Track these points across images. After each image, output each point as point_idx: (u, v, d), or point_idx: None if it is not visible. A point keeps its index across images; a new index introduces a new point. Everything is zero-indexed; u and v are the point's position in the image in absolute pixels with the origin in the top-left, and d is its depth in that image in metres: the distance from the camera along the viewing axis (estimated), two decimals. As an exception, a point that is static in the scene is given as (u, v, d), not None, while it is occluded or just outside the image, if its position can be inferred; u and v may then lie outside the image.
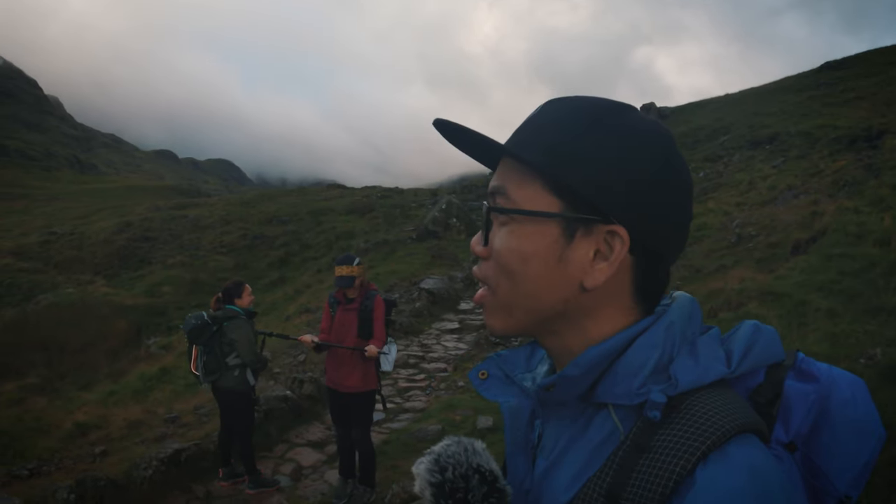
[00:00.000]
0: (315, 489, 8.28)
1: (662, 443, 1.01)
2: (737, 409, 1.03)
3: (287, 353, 14.35)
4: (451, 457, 1.22)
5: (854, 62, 48.52)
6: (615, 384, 1.09)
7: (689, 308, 1.16)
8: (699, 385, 1.06)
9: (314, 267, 28.85)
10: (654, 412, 1.03)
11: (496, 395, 1.29)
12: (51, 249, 36.89)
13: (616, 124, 1.10)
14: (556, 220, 1.10)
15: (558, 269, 1.11)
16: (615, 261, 1.08)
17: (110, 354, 20.83)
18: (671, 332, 1.11)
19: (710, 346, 1.12)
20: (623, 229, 1.07)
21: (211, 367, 7.90)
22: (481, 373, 1.31)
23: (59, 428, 12.14)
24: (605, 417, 1.11)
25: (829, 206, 16.51)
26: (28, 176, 76.18)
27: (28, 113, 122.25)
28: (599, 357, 1.10)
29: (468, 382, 11.56)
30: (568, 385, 1.12)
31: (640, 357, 1.09)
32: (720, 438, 0.98)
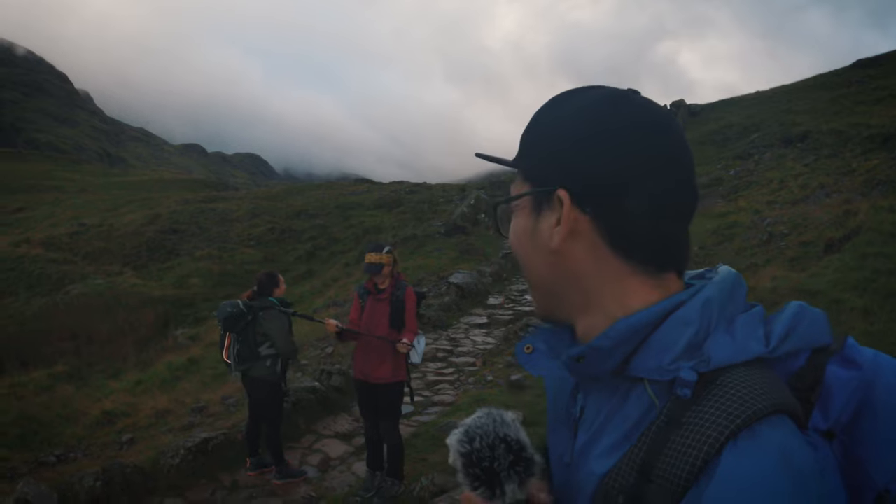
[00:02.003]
0: (342, 481, 8.25)
1: (693, 419, 1.01)
2: (771, 389, 1.03)
3: (315, 345, 14.37)
4: (480, 427, 1.26)
5: (887, 60, 48.11)
6: (648, 359, 1.10)
7: (730, 283, 1.16)
8: (733, 362, 1.06)
9: (342, 260, 28.85)
10: (685, 390, 1.04)
11: (540, 370, 1.31)
12: (80, 241, 37.08)
13: (558, 104, 1.23)
14: (528, 200, 1.23)
15: (534, 241, 1.22)
16: (565, 219, 1.14)
17: (138, 344, 20.93)
18: (708, 308, 1.11)
19: (749, 325, 1.11)
20: (563, 191, 1.14)
21: (244, 355, 7.89)
22: (527, 347, 1.32)
23: (87, 415, 12.21)
24: (641, 392, 1.12)
25: (863, 204, 16.35)
26: (58, 169, 76.58)
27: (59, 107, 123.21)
28: (629, 329, 1.11)
29: (497, 377, 11.50)
30: (597, 357, 1.13)
31: (673, 332, 1.09)
32: (751, 417, 0.97)
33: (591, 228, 1.14)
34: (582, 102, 1.19)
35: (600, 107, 1.17)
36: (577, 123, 1.17)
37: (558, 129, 1.19)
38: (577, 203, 1.14)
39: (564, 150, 1.16)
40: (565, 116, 1.19)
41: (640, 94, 1.21)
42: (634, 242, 1.14)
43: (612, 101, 1.17)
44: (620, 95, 1.19)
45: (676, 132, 1.18)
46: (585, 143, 1.14)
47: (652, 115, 1.17)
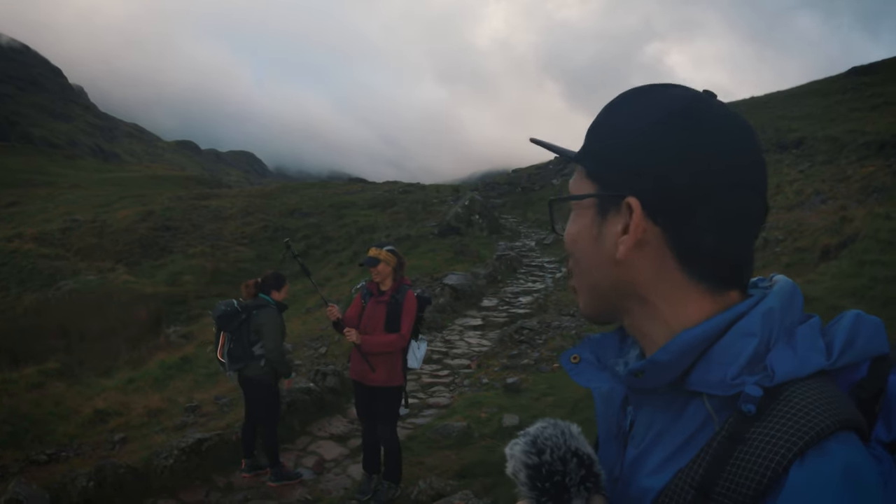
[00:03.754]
0: (338, 483, 8.21)
1: (758, 436, 0.99)
2: (837, 404, 1.00)
3: (308, 345, 14.34)
4: (549, 439, 1.19)
5: (882, 67, 48.43)
6: (709, 372, 1.07)
7: (789, 294, 1.13)
8: (797, 376, 1.03)
9: (335, 260, 28.84)
10: (749, 405, 1.01)
11: (589, 381, 1.28)
12: (72, 236, 36.99)
13: (635, 101, 1.18)
14: (592, 202, 1.18)
15: (597, 246, 1.18)
16: (634, 230, 1.10)
17: (130, 342, 20.83)
18: (769, 319, 1.08)
19: (809, 336, 1.08)
20: (634, 199, 1.10)
21: (236, 354, 7.86)
22: (573, 357, 1.30)
23: (79, 414, 12.12)
24: (698, 406, 1.09)
25: (859, 211, 16.41)
26: (51, 163, 76.38)
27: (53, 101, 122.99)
28: (691, 343, 1.08)
29: (492, 379, 11.48)
30: (657, 371, 1.11)
31: (737, 345, 1.06)
32: (819, 434, 0.95)
33: (660, 241, 1.11)
34: (662, 104, 1.14)
35: (684, 112, 1.12)
36: (654, 125, 1.12)
37: (634, 130, 1.14)
38: (648, 213, 1.10)
39: (637, 154, 1.12)
40: (643, 117, 1.14)
41: (716, 97, 1.17)
42: (702, 258, 1.11)
43: (696, 109, 1.12)
44: (704, 101, 1.14)
45: (757, 147, 1.14)
46: (665, 151, 1.10)
47: (736, 129, 1.13)
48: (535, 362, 12.25)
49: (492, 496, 6.90)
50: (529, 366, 12.11)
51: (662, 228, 1.10)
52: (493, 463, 7.84)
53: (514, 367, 12.14)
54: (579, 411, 8.72)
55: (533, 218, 33.89)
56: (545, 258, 24.02)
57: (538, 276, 21.42)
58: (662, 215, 1.10)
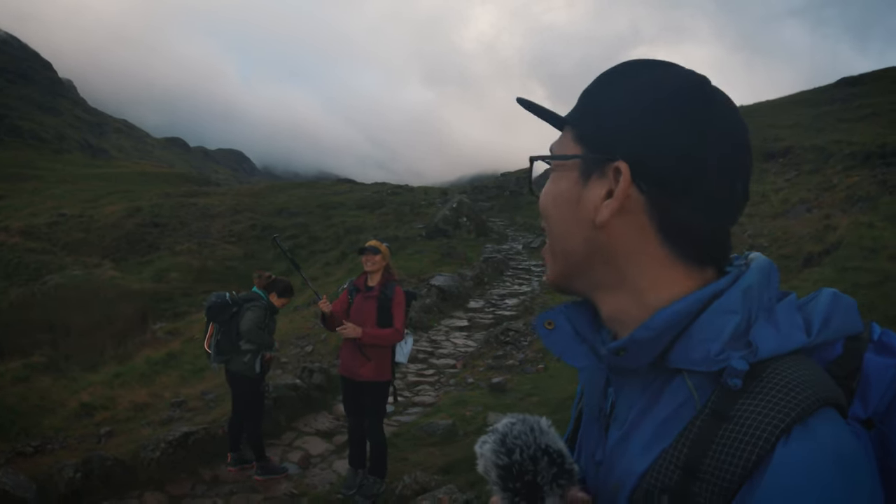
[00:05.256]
0: (323, 478, 8.26)
1: (743, 413, 0.98)
2: (820, 380, 1.01)
3: (294, 343, 14.38)
4: (518, 437, 1.15)
5: (870, 79, 48.46)
6: (691, 349, 1.06)
7: (767, 271, 1.13)
8: (779, 353, 1.03)
9: (322, 260, 28.78)
10: (735, 380, 1.00)
11: (563, 352, 1.25)
12: (59, 231, 36.94)
13: (635, 71, 1.17)
14: (576, 164, 1.17)
15: (577, 209, 1.16)
16: (619, 195, 1.09)
17: (116, 338, 20.78)
18: (749, 296, 1.08)
19: (788, 313, 1.09)
20: (623, 164, 1.09)
21: (223, 347, 7.93)
22: (547, 322, 1.26)
23: (65, 407, 12.14)
24: (679, 384, 1.08)
25: (843, 220, 16.51)
26: (39, 157, 75.89)
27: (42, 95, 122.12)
28: (671, 319, 1.07)
29: (477, 379, 11.53)
30: (639, 349, 1.09)
31: (718, 322, 1.06)
32: (804, 411, 0.95)
33: (643, 210, 1.10)
34: (665, 77, 1.14)
35: (690, 89, 1.12)
36: (658, 98, 1.11)
37: (634, 97, 1.13)
38: (635, 179, 1.09)
39: (636, 121, 1.11)
40: (644, 86, 1.13)
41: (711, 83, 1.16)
42: (686, 235, 1.10)
43: (701, 88, 1.13)
44: (706, 84, 1.15)
45: (747, 134, 1.15)
46: (666, 121, 1.09)
47: (735, 115, 1.14)
48: (520, 363, 12.29)
49: (475, 491, 6.95)
50: (514, 366, 12.16)
51: (647, 198, 1.10)
52: (476, 459, 7.90)
53: (499, 367, 12.19)
54: (563, 410, 8.76)
55: (521, 221, 33.89)
56: (532, 261, 24.00)
57: (525, 278, 21.45)
58: (653, 186, 1.09)
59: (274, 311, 8.25)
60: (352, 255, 25.44)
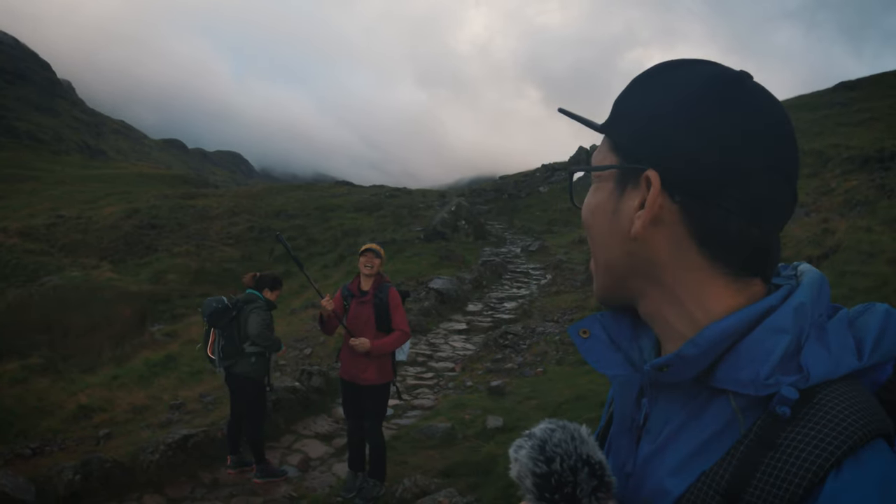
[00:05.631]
0: (323, 481, 8.26)
1: (792, 441, 0.94)
2: (871, 409, 0.96)
3: (293, 346, 14.37)
4: (559, 445, 1.10)
5: (869, 83, 48.55)
6: (738, 369, 1.01)
7: (818, 286, 1.07)
8: (830, 378, 0.98)
9: (320, 262, 28.76)
10: (784, 408, 0.96)
11: (598, 360, 1.21)
12: (57, 232, 36.93)
13: (655, 79, 1.12)
14: (612, 174, 1.13)
15: (613, 221, 1.13)
16: (650, 205, 1.05)
17: (114, 339, 20.75)
18: (801, 314, 1.02)
19: (840, 333, 1.03)
20: (654, 173, 1.05)
21: (228, 351, 7.94)
22: (582, 331, 1.23)
23: (63, 409, 12.13)
24: (723, 405, 1.04)
25: (841, 224, 16.48)
26: (37, 159, 75.95)
27: (40, 96, 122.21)
28: (720, 336, 1.02)
29: (476, 382, 11.53)
30: (684, 365, 1.04)
31: (768, 342, 1.01)
32: (856, 443, 0.91)
33: (679, 219, 1.05)
34: (697, 78, 1.08)
35: (721, 89, 1.06)
36: (689, 101, 1.06)
37: (665, 103, 1.08)
38: (667, 189, 1.05)
39: (666, 127, 1.06)
40: (676, 91, 1.08)
41: (752, 77, 1.10)
42: (724, 242, 1.04)
43: (733, 86, 1.06)
44: (741, 81, 1.08)
45: (792, 132, 1.08)
46: (693, 123, 1.04)
47: (775, 112, 1.07)
48: (519, 366, 12.29)
49: (476, 494, 6.95)
50: (513, 370, 12.16)
51: (681, 206, 1.05)
52: (477, 462, 7.90)
53: (497, 370, 12.19)
54: (561, 413, 8.76)
55: (519, 225, 33.87)
56: (530, 265, 24.00)
57: (523, 282, 21.44)
58: (684, 193, 1.04)
59: (272, 307, 8.26)
60: (350, 257, 25.44)
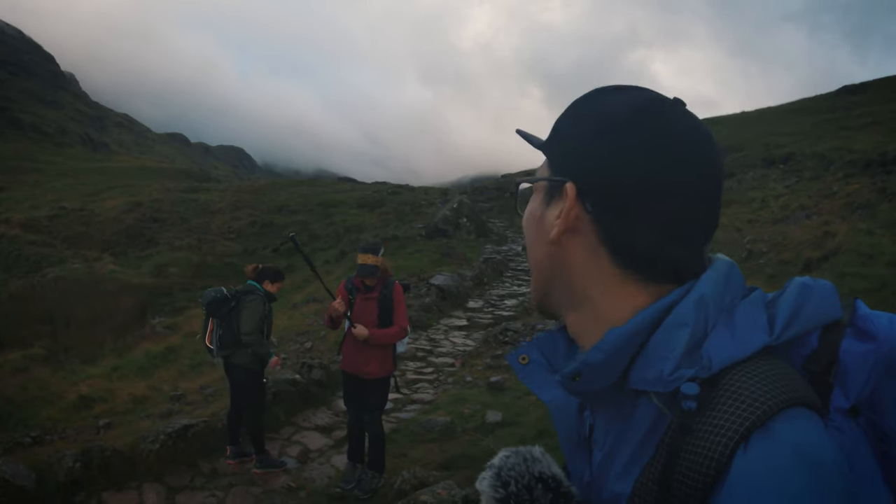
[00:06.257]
0: (322, 472, 8.28)
1: (704, 425, 0.97)
2: (782, 381, 0.97)
3: (294, 339, 14.40)
4: (512, 469, 1.18)
5: (872, 87, 48.54)
6: (646, 369, 1.05)
7: (723, 274, 1.10)
8: (737, 359, 1.01)
9: (322, 258, 28.71)
10: (689, 403, 0.99)
11: (539, 385, 1.26)
12: (59, 224, 36.87)
13: (588, 103, 1.20)
14: (544, 186, 1.22)
15: (539, 227, 1.22)
16: (564, 214, 1.13)
17: (115, 331, 20.77)
18: (702, 305, 1.05)
19: (749, 313, 1.06)
20: (571, 185, 1.12)
21: (226, 341, 7.97)
22: (521, 357, 1.28)
23: (63, 399, 12.15)
24: (647, 403, 1.07)
25: (842, 227, 16.50)
26: (41, 151, 76.03)
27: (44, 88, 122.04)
28: (622, 339, 1.06)
29: (476, 378, 11.55)
30: (594, 373, 1.08)
31: (669, 338, 1.04)
32: (762, 416, 0.93)
33: (591, 229, 1.12)
34: (619, 99, 1.14)
35: (641, 109, 1.11)
36: (605, 119, 1.12)
37: (585, 120, 1.15)
38: (581, 200, 1.12)
39: (587, 146, 1.13)
40: (596, 109, 1.15)
41: (685, 105, 1.15)
42: (633, 253, 1.10)
43: (654, 107, 1.12)
44: (662, 102, 1.13)
45: (711, 159, 1.12)
46: (611, 141, 1.10)
47: (695, 139, 1.11)
48: (519, 363, 12.30)
49: (474, 487, 6.98)
50: (513, 366, 12.16)
51: (593, 217, 1.11)
52: (475, 456, 7.91)
53: (497, 366, 12.20)
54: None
55: (520, 223, 33.77)
56: (531, 263, 23.97)
57: (524, 280, 21.35)
58: (597, 206, 1.11)
59: (272, 299, 8.28)
60: (351, 253, 25.41)
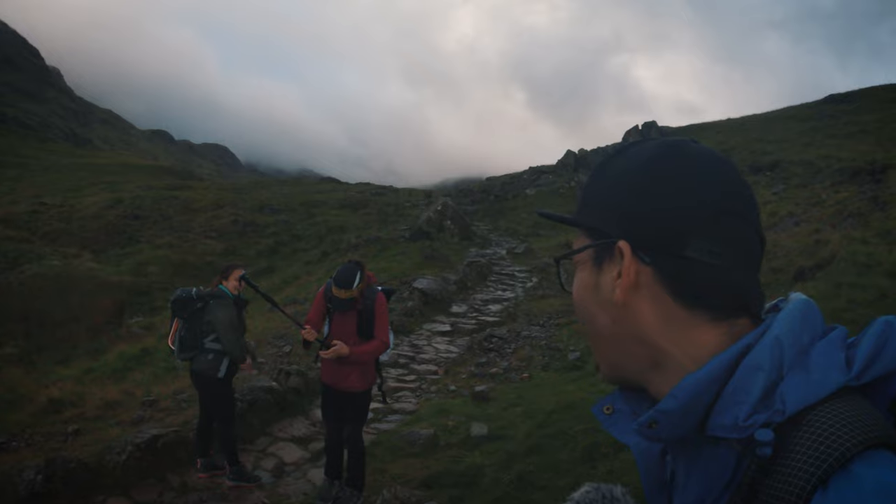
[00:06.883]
0: (297, 488, 8.00)
1: (782, 468, 0.94)
2: (862, 421, 0.93)
3: (272, 343, 14.06)
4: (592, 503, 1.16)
5: (859, 96, 49.06)
6: (723, 415, 1.01)
7: (801, 314, 1.06)
8: (813, 401, 0.97)
9: (304, 258, 28.65)
10: (764, 449, 0.95)
11: (623, 433, 1.21)
12: (39, 220, 36.54)
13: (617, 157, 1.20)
14: (589, 254, 1.19)
15: (597, 295, 1.17)
16: (625, 272, 1.10)
17: (91, 331, 20.55)
18: (777, 347, 1.01)
19: (825, 353, 1.02)
20: (624, 242, 1.11)
21: (186, 343, 7.80)
22: (606, 408, 1.24)
23: (32, 402, 11.81)
24: (728, 449, 1.03)
25: (833, 235, 16.43)
26: (23, 145, 75.61)
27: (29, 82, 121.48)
28: (698, 385, 1.03)
29: (460, 387, 11.32)
30: (670, 420, 1.05)
31: (746, 382, 1.01)
32: (842, 457, 0.89)
33: (654, 280, 1.10)
34: (640, 153, 1.17)
35: (659, 155, 1.14)
36: (635, 172, 1.14)
37: (617, 180, 1.16)
38: (636, 254, 1.11)
39: (623, 201, 1.13)
40: (623, 167, 1.17)
41: (697, 143, 1.17)
42: (698, 291, 1.08)
43: (670, 150, 1.15)
44: (678, 144, 1.16)
45: (736, 179, 1.14)
46: (644, 192, 1.11)
47: (717, 166, 1.13)
48: (505, 371, 12.11)
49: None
50: (498, 374, 11.97)
51: (654, 268, 1.10)
52: (460, 473, 7.68)
53: (482, 375, 11.99)
54: (550, 424, 8.54)
55: (505, 226, 33.88)
56: (516, 267, 23.93)
57: (508, 284, 21.31)
58: (650, 254, 1.10)
59: (242, 302, 8.02)
60: (333, 254, 25.25)
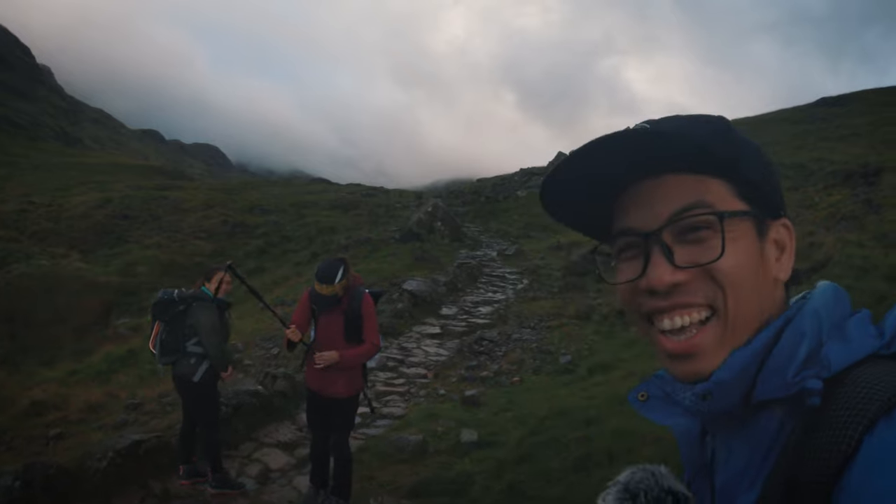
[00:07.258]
0: (282, 496, 7.84)
1: (829, 420, 0.97)
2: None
3: (260, 345, 13.91)
4: (640, 482, 1.17)
5: (850, 99, 49.32)
6: (770, 379, 1.06)
7: (832, 293, 1.13)
8: (853, 361, 1.02)
9: (293, 259, 28.53)
10: (813, 398, 1.00)
11: (661, 417, 1.23)
12: (27, 219, 36.34)
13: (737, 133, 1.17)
14: (750, 221, 1.12)
15: (761, 270, 1.12)
16: (791, 252, 1.15)
17: (77, 331, 20.40)
18: (817, 317, 1.08)
19: (860, 326, 1.08)
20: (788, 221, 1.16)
21: (168, 347, 7.63)
22: (641, 394, 1.26)
23: (14, 405, 11.66)
24: (770, 415, 1.08)
25: (827, 238, 16.37)
26: (13, 144, 75.43)
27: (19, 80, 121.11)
28: (750, 356, 1.07)
29: (450, 391, 11.18)
30: (724, 391, 1.08)
31: (790, 347, 1.06)
32: (886, 404, 0.93)
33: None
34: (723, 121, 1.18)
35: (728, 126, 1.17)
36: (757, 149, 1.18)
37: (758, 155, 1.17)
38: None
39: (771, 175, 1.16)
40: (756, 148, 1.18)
41: None
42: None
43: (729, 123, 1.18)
44: None
45: None
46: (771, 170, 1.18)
47: None
48: (495, 375, 11.97)
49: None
50: (489, 378, 11.83)
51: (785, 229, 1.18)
52: (450, 480, 7.55)
53: (472, 378, 11.85)
54: (542, 431, 8.41)
55: (496, 228, 33.77)
56: (506, 269, 23.79)
57: (499, 286, 21.17)
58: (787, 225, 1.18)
59: (224, 304, 7.83)
60: (323, 255, 25.10)
